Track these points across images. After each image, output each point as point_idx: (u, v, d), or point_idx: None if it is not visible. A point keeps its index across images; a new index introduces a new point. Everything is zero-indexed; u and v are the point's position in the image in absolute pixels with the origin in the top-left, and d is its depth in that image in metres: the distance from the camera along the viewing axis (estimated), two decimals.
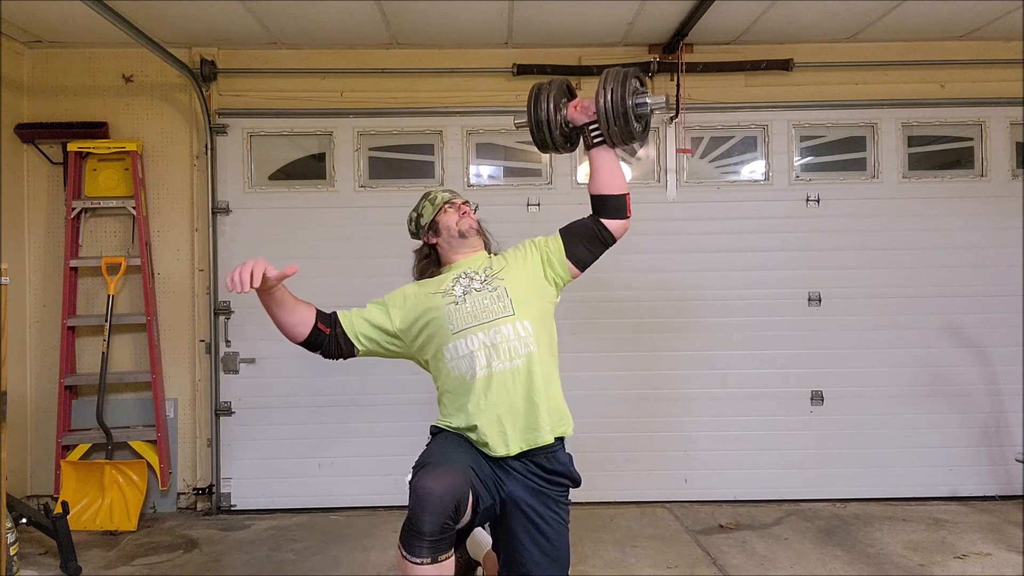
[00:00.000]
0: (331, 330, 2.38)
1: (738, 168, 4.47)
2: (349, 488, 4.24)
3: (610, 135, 2.39)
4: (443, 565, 2.02)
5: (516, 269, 2.42)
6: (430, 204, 2.55)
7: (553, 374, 2.37)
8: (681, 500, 4.29)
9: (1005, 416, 4.32)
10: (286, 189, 4.37)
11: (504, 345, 2.26)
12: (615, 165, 2.45)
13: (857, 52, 4.37)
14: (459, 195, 2.60)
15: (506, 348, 2.26)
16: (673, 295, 4.34)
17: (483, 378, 2.25)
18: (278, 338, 4.24)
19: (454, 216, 2.49)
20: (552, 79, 2.57)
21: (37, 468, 4.23)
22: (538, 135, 2.52)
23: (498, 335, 2.26)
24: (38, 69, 4.29)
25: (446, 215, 2.50)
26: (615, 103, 2.34)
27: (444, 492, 1.98)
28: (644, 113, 2.42)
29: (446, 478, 2.02)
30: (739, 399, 4.32)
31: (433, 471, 2.05)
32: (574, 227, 2.49)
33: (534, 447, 2.26)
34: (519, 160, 4.47)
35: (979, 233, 4.35)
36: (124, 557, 3.58)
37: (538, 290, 2.42)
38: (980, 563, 3.36)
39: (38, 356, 4.27)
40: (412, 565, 2.00)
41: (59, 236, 4.22)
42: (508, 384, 2.25)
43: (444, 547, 2.02)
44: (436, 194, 2.57)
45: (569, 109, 2.48)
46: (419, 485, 2.01)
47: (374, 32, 4.10)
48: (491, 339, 2.26)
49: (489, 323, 2.28)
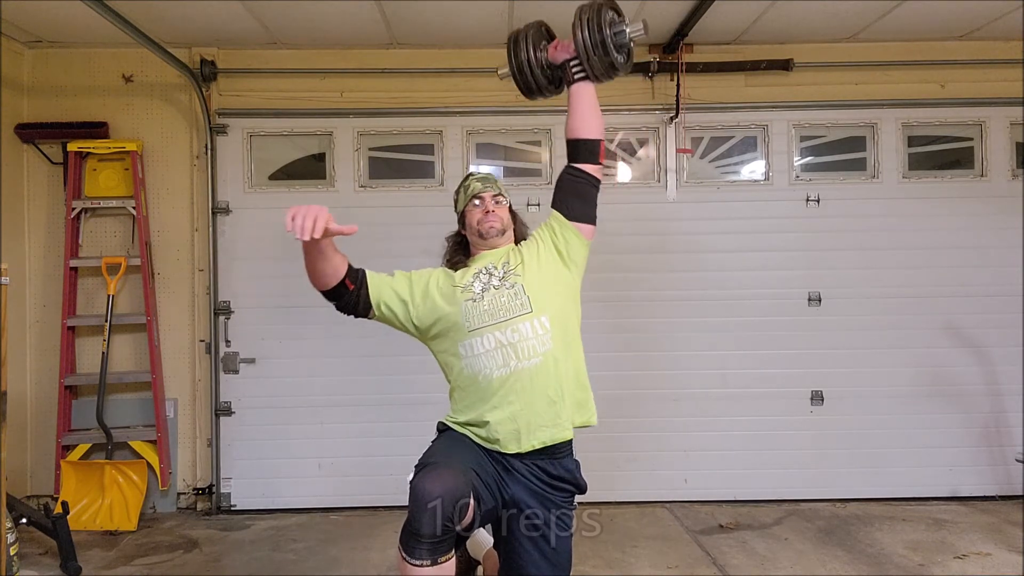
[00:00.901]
0: (355, 287, 2.28)
1: (738, 168, 4.47)
2: (349, 488, 4.24)
3: (591, 68, 2.38)
4: (443, 567, 2.00)
5: (532, 263, 2.35)
6: (463, 192, 2.48)
7: (574, 366, 2.32)
8: (681, 500, 4.30)
9: (1005, 416, 4.32)
10: (286, 189, 4.37)
11: (522, 344, 2.23)
12: (594, 105, 2.42)
13: (857, 52, 4.38)
14: (493, 184, 2.48)
15: (524, 347, 2.23)
16: (673, 295, 4.34)
17: (499, 377, 2.22)
18: (278, 338, 4.31)
19: (478, 214, 2.42)
20: (528, 23, 2.55)
21: (37, 468, 4.23)
22: (521, 80, 2.51)
23: (516, 334, 2.23)
24: (38, 69, 4.29)
25: (472, 211, 2.43)
26: (593, 35, 2.34)
27: (444, 494, 1.96)
28: (624, 43, 2.41)
29: (447, 480, 1.99)
30: (739, 399, 4.32)
31: (433, 472, 2.03)
32: (559, 191, 2.44)
33: (549, 444, 2.24)
34: (519, 160, 4.47)
35: (979, 233, 4.35)
36: (124, 557, 3.58)
37: (556, 280, 2.36)
38: (980, 563, 3.36)
39: (38, 356, 4.27)
40: (411, 567, 1.98)
41: (59, 236, 4.22)
42: (526, 383, 2.22)
43: (444, 549, 2.00)
44: (471, 182, 2.47)
45: (550, 50, 2.48)
46: (419, 487, 1.99)
47: (374, 32, 4.10)
48: (508, 338, 2.23)
49: (506, 321, 2.24)
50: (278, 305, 4.29)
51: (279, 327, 4.29)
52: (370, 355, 4.27)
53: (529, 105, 4.37)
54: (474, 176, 2.51)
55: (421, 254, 4.32)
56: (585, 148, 2.41)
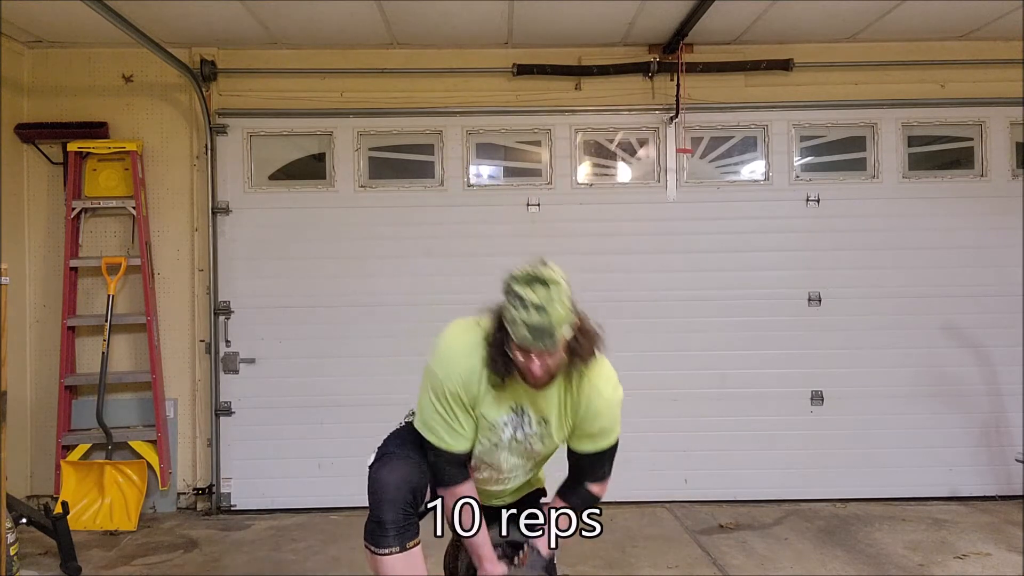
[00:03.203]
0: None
1: (738, 168, 4.47)
2: (349, 488, 4.23)
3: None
4: (412, 553, 2.05)
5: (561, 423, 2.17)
6: (511, 327, 1.94)
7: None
8: (681, 500, 4.29)
9: (1005, 416, 4.32)
10: (286, 189, 4.37)
11: (509, 475, 2.28)
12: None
13: (857, 52, 4.38)
14: (549, 336, 1.91)
15: (508, 479, 2.29)
16: (673, 295, 4.33)
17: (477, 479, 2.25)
18: (278, 338, 4.31)
19: (522, 359, 1.98)
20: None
21: (37, 468, 4.23)
22: None
23: (511, 474, 2.27)
24: (38, 69, 4.29)
25: (519, 353, 1.98)
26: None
27: (400, 481, 2.05)
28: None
29: (402, 468, 2.09)
30: (739, 399, 4.32)
31: (388, 463, 2.13)
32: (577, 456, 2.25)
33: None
34: (519, 160, 4.47)
35: (979, 233, 4.35)
36: (124, 557, 3.58)
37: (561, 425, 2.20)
38: (980, 563, 3.36)
39: (38, 356, 4.27)
40: (381, 559, 2.04)
41: (59, 236, 4.22)
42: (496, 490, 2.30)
43: (411, 534, 2.06)
44: (520, 331, 1.91)
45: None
46: (375, 478, 2.09)
47: (374, 32, 4.10)
48: (502, 475, 2.27)
49: (509, 471, 2.26)
50: (278, 305, 4.29)
51: (279, 327, 4.29)
52: (370, 355, 4.27)
53: (529, 105, 4.43)
54: (527, 322, 1.89)
55: (421, 254, 4.36)
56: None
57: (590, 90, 4.37)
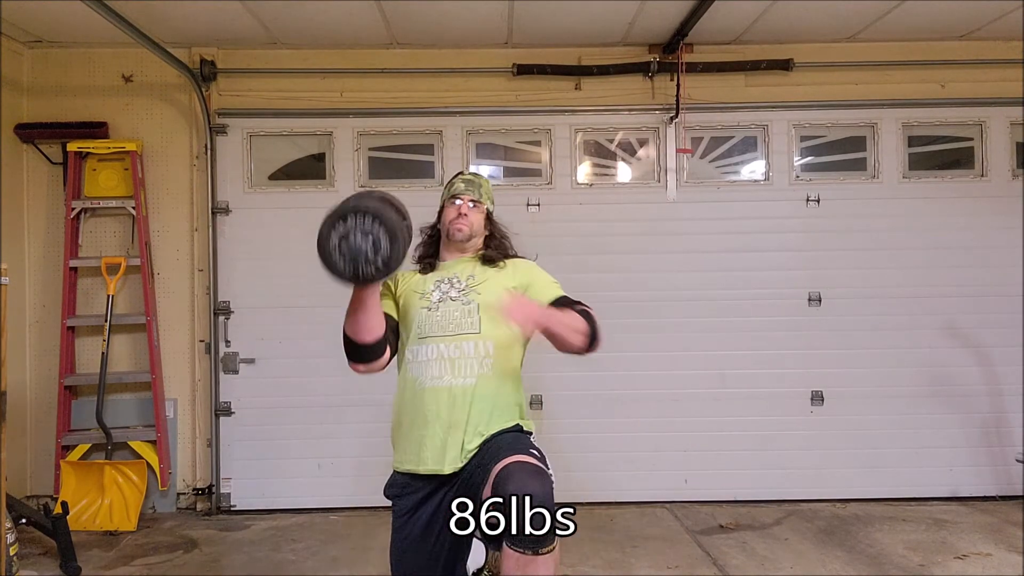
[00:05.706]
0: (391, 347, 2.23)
1: (738, 168, 4.47)
2: (349, 488, 4.24)
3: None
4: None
5: (496, 287, 2.22)
6: (447, 188, 2.40)
7: (504, 396, 2.20)
8: (681, 500, 4.29)
9: (1005, 416, 4.32)
10: (286, 189, 4.37)
11: (461, 361, 2.17)
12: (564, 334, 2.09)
13: (857, 52, 4.37)
14: (476, 189, 2.35)
15: (462, 364, 2.17)
16: (673, 295, 4.33)
17: (431, 389, 2.17)
18: (278, 338, 4.31)
19: (451, 214, 2.33)
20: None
21: (37, 468, 4.23)
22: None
23: (458, 350, 2.18)
24: (38, 69, 4.29)
25: (448, 209, 2.35)
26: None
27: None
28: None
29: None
30: (739, 399, 4.32)
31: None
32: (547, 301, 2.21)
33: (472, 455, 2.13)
34: (519, 160, 4.47)
35: (979, 233, 4.35)
36: (124, 557, 3.57)
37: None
38: (980, 563, 3.36)
39: (38, 356, 4.27)
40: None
41: (59, 236, 4.22)
42: (456, 399, 2.14)
43: None
44: (457, 181, 2.38)
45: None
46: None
47: (374, 32, 4.10)
48: (451, 352, 2.18)
49: (453, 336, 2.19)
50: (278, 305, 4.29)
51: (279, 327, 4.29)
52: None
53: (529, 105, 4.43)
54: (462, 176, 2.42)
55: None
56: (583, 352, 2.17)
57: (590, 90, 4.37)
